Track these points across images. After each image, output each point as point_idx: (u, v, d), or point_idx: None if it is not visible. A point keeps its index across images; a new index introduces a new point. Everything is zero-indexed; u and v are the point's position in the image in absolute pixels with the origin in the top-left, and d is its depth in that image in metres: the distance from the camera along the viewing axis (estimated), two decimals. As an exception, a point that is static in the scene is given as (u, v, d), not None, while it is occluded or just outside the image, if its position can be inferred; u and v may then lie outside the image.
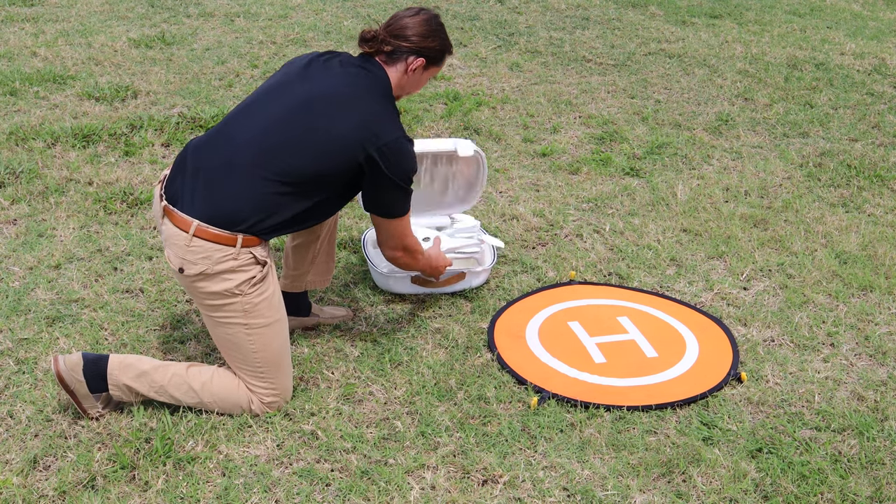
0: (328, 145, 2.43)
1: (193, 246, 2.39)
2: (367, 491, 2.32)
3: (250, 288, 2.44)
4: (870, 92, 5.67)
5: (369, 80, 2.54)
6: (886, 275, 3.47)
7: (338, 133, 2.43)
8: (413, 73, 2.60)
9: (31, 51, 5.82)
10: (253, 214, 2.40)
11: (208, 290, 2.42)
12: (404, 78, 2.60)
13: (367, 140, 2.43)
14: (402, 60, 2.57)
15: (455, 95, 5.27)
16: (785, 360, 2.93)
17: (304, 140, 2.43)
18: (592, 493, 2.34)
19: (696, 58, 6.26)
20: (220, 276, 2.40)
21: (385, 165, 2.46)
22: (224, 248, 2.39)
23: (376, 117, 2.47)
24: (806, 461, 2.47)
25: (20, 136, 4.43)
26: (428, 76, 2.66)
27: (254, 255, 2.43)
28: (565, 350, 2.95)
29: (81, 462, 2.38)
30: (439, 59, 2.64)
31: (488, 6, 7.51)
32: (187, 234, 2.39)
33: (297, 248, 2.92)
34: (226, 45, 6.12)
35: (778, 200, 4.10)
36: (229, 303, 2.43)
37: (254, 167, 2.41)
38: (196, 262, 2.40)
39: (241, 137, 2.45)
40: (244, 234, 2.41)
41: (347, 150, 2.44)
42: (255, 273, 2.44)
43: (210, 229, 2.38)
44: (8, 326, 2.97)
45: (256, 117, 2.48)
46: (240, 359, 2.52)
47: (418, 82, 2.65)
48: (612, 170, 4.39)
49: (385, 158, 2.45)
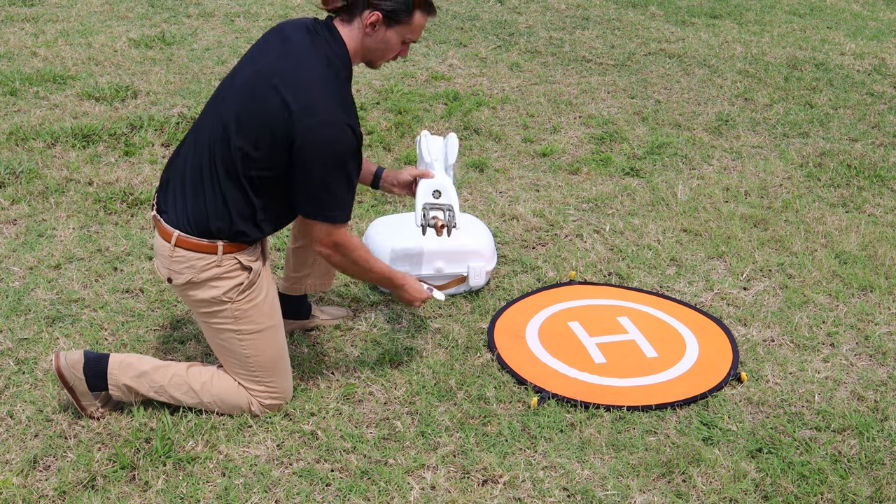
0: (267, 132, 2.24)
1: (176, 256, 2.37)
2: (367, 491, 2.32)
3: (239, 295, 2.41)
4: (870, 92, 5.67)
5: (314, 46, 2.29)
6: (886, 275, 3.47)
7: (271, 116, 2.23)
8: (373, 31, 2.31)
9: (31, 51, 5.82)
10: (219, 220, 2.34)
11: (197, 297, 2.41)
12: (365, 38, 2.32)
13: (296, 119, 2.20)
14: (357, 17, 2.30)
15: (455, 95, 5.27)
16: (785, 360, 2.93)
17: (243, 127, 2.27)
18: (592, 493, 2.34)
19: (696, 58, 6.26)
20: (206, 283, 2.39)
21: (308, 153, 2.21)
22: (206, 257, 2.36)
23: (310, 92, 2.22)
24: (806, 461, 2.47)
25: (20, 136, 4.43)
26: (396, 37, 2.33)
27: (239, 262, 2.40)
28: (565, 350, 2.95)
29: (81, 462, 2.38)
30: (400, 14, 2.29)
31: (488, 6, 7.51)
32: (170, 245, 2.37)
33: (298, 251, 2.89)
34: (226, 45, 6.12)
35: (778, 200, 4.10)
36: (219, 310, 2.42)
37: (211, 169, 2.33)
38: (181, 272, 2.38)
39: (203, 139, 2.37)
40: (224, 241, 2.37)
41: (278, 135, 2.23)
42: (241, 280, 2.41)
43: (190, 238, 2.35)
44: (8, 326, 2.97)
45: (213, 114, 2.37)
46: (235, 363, 2.51)
47: (384, 42, 2.33)
48: (612, 170, 4.39)
49: (309, 144, 2.21)
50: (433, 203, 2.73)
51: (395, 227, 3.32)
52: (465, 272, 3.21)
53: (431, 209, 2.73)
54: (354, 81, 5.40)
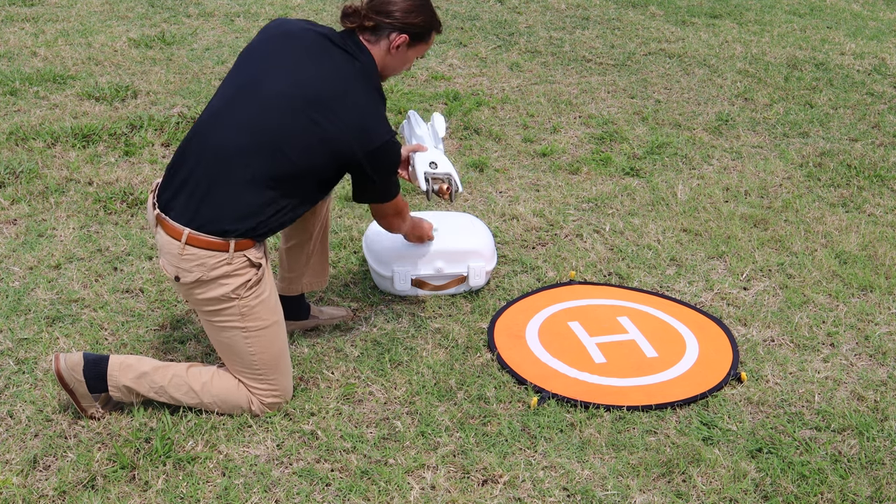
0: (317, 147, 2.37)
1: (187, 254, 2.37)
2: (367, 491, 2.32)
3: (246, 291, 2.42)
4: (870, 92, 5.67)
5: (356, 69, 2.43)
6: (886, 275, 3.47)
7: (326, 135, 2.37)
8: (397, 52, 2.49)
9: (31, 51, 5.82)
10: (239, 219, 2.36)
11: (205, 296, 2.41)
12: (388, 57, 2.49)
13: (357, 143, 2.38)
14: (384, 38, 2.46)
15: (455, 95, 5.27)
16: (785, 360, 2.93)
17: (289, 140, 2.36)
18: (592, 493, 2.34)
19: (696, 58, 6.26)
20: (216, 281, 2.39)
21: (371, 169, 2.44)
22: (217, 254, 2.37)
23: (366, 118, 2.40)
24: (806, 461, 2.47)
25: (20, 136, 4.43)
26: (414, 54, 2.54)
27: (248, 259, 2.41)
28: (565, 350, 2.95)
29: (81, 462, 2.38)
30: (424, 35, 2.51)
31: (488, 6, 7.51)
32: (179, 243, 2.36)
33: (291, 250, 2.89)
34: (226, 45, 6.12)
35: (778, 200, 4.10)
36: (226, 307, 2.42)
37: (235, 169, 2.35)
38: (191, 270, 2.38)
39: (223, 139, 2.37)
40: (236, 238, 2.38)
41: (337, 153, 2.39)
42: (250, 276, 2.42)
43: (202, 236, 2.36)
44: (8, 326, 2.97)
45: (237, 115, 2.38)
46: (238, 362, 2.51)
47: (403, 61, 2.53)
48: (612, 170, 4.39)
49: (373, 162, 2.42)
50: (432, 173, 2.84)
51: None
52: (465, 272, 3.21)
53: (433, 178, 2.85)
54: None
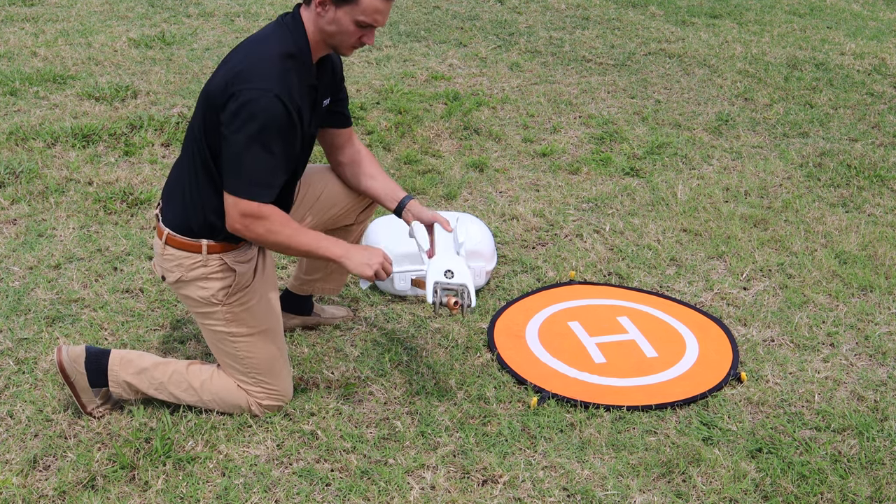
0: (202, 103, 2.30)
1: (167, 254, 2.40)
2: (367, 491, 2.32)
3: (228, 297, 2.41)
4: (870, 92, 5.67)
5: (267, 32, 2.31)
6: (886, 275, 3.47)
7: (209, 86, 2.28)
8: (324, 13, 2.26)
9: (31, 51, 5.81)
10: (195, 215, 2.35)
11: (190, 296, 2.43)
12: (319, 21, 2.28)
13: (225, 82, 2.22)
14: (312, 2, 2.29)
15: (455, 95, 5.27)
16: (785, 360, 2.93)
17: (201, 127, 2.31)
18: (592, 493, 2.34)
19: (696, 58, 6.26)
20: (194, 283, 2.40)
21: (227, 117, 2.19)
22: (192, 256, 2.38)
23: (249, 65, 2.22)
24: (806, 461, 2.47)
25: (20, 136, 4.42)
26: (346, 18, 2.25)
27: (225, 262, 2.39)
28: (565, 350, 2.95)
29: (81, 462, 2.38)
30: None
31: (488, 6, 7.51)
32: (161, 242, 2.40)
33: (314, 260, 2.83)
34: (226, 45, 6.11)
35: (778, 200, 4.10)
36: (211, 311, 2.43)
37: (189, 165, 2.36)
38: (172, 270, 2.40)
39: (188, 138, 2.40)
40: (206, 240, 2.37)
41: (209, 97, 2.25)
42: (229, 282, 2.40)
43: (177, 237, 2.37)
44: (8, 326, 2.97)
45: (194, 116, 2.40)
46: (230, 363, 2.51)
47: (337, 25, 2.27)
48: (612, 170, 4.39)
49: (232, 109, 2.18)
50: (445, 283, 2.60)
51: (394, 227, 3.31)
52: None
53: (444, 289, 2.61)
54: (354, 81, 5.40)
